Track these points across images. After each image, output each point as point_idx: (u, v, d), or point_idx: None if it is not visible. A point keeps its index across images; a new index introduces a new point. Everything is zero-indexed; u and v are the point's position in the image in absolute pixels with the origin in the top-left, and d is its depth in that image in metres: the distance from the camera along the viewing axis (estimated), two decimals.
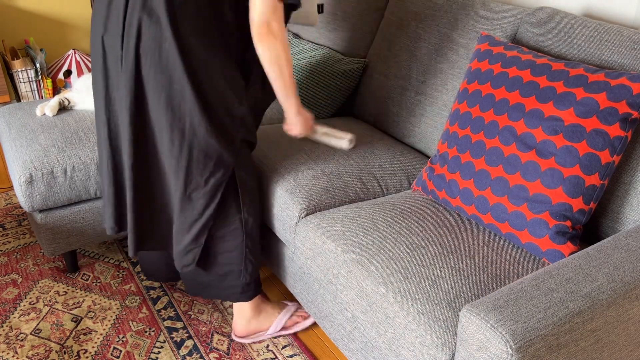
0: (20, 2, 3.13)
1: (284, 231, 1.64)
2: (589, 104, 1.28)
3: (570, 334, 1.01)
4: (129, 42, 1.35)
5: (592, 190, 1.29)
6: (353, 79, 2.10)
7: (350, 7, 2.27)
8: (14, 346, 1.72)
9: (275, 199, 1.66)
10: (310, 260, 1.51)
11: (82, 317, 1.84)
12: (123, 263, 2.10)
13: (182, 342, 1.75)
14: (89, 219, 1.90)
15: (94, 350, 1.71)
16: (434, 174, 1.56)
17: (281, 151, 1.80)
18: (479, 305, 1.03)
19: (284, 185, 1.66)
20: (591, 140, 1.27)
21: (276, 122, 2.16)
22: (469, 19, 1.82)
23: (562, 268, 1.12)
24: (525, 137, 1.34)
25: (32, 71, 2.95)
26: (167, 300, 1.91)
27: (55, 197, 1.79)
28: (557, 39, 1.57)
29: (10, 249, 2.15)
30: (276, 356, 1.71)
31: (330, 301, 1.54)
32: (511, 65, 1.45)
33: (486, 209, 1.40)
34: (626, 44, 1.42)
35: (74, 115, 1.99)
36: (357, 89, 2.16)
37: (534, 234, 1.32)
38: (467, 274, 1.27)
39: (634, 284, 1.09)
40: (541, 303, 1.03)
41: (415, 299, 1.22)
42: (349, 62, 2.12)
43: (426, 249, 1.35)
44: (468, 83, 1.53)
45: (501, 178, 1.37)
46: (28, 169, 1.74)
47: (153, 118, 1.42)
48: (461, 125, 1.49)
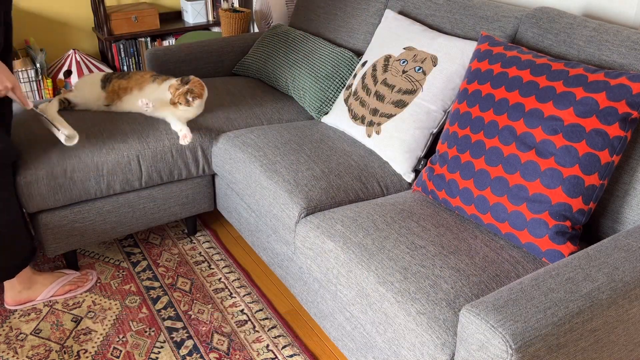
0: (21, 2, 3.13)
1: (284, 231, 1.64)
2: (588, 104, 1.28)
3: (570, 334, 1.01)
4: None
5: (592, 190, 1.29)
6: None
7: (350, 7, 2.27)
8: (14, 346, 1.72)
9: (275, 199, 1.66)
10: (310, 260, 1.51)
11: (82, 317, 1.84)
12: (123, 263, 2.10)
13: (182, 342, 1.75)
14: (89, 219, 1.91)
15: (94, 350, 1.71)
16: (433, 174, 1.56)
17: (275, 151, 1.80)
18: (479, 305, 1.03)
19: (284, 185, 1.66)
20: (591, 140, 1.27)
21: (276, 122, 2.16)
22: (469, 19, 1.82)
23: (562, 268, 1.12)
24: (525, 137, 1.35)
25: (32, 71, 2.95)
26: (167, 300, 1.91)
27: (55, 197, 1.79)
28: (557, 39, 1.57)
29: None
30: (276, 356, 1.71)
31: (330, 301, 1.54)
32: (511, 65, 1.45)
33: (486, 208, 1.40)
34: (626, 44, 1.42)
35: (74, 115, 1.99)
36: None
37: (534, 233, 1.32)
38: (467, 274, 1.27)
39: (634, 284, 1.09)
40: (541, 303, 1.03)
41: (415, 298, 1.22)
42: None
43: (426, 249, 1.35)
44: (468, 83, 1.53)
45: (501, 178, 1.37)
46: (28, 169, 1.74)
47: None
48: (461, 125, 1.50)
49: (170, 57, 2.41)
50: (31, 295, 1.87)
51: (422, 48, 1.80)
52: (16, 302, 1.86)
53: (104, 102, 2.02)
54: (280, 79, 2.29)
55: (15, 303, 1.86)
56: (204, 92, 1.98)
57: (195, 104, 1.94)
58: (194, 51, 2.46)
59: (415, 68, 1.77)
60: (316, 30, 2.41)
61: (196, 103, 1.94)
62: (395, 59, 1.84)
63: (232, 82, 2.38)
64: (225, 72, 2.56)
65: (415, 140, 1.75)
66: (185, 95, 1.90)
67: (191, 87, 1.92)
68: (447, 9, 1.90)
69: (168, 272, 2.05)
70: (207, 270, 2.07)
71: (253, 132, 1.96)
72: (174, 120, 1.94)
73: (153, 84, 2.00)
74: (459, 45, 1.73)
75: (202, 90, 1.97)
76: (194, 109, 1.98)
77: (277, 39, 2.40)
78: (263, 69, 2.38)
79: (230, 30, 3.09)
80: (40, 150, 1.80)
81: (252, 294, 1.96)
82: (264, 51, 2.40)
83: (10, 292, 1.84)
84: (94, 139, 1.87)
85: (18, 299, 1.86)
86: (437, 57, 1.75)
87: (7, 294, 1.85)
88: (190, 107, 1.94)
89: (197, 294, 1.95)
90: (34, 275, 1.88)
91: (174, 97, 1.91)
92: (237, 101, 2.19)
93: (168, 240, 2.24)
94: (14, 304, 1.86)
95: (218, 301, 1.92)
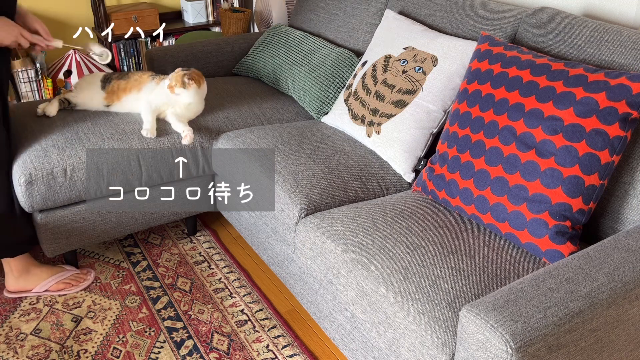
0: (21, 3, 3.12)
1: (284, 231, 1.64)
2: (588, 104, 1.28)
3: (570, 334, 1.01)
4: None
5: (592, 190, 1.29)
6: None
7: (350, 7, 2.27)
8: (14, 346, 1.72)
9: (275, 199, 1.66)
10: (310, 260, 1.51)
11: (82, 317, 1.84)
12: (123, 263, 2.10)
13: (182, 342, 1.75)
14: (89, 219, 1.91)
15: (94, 350, 1.71)
16: (433, 174, 1.56)
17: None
18: (479, 305, 1.03)
19: (284, 185, 1.66)
20: (591, 140, 1.27)
21: (276, 122, 2.16)
22: (469, 19, 1.82)
23: (562, 268, 1.12)
24: (524, 137, 1.34)
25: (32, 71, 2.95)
26: (167, 300, 1.91)
27: (55, 197, 1.79)
28: (557, 39, 1.57)
29: None
30: (276, 356, 1.71)
31: (330, 301, 1.54)
32: (511, 65, 1.45)
33: (486, 208, 1.40)
34: (626, 44, 1.42)
35: (74, 115, 1.99)
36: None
37: (534, 233, 1.32)
38: (467, 274, 1.27)
39: (634, 284, 1.09)
40: (541, 303, 1.03)
41: (415, 298, 1.22)
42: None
43: (426, 249, 1.35)
44: (468, 83, 1.53)
45: (501, 178, 1.37)
46: (28, 169, 1.74)
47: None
48: (461, 125, 1.50)
49: (170, 57, 2.41)
50: (26, 285, 1.90)
51: (422, 48, 1.80)
52: (14, 289, 1.90)
53: (104, 103, 2.02)
54: (280, 79, 2.29)
55: (14, 289, 1.91)
56: (203, 81, 1.98)
57: (191, 88, 1.92)
58: (194, 51, 2.46)
59: (415, 68, 1.77)
60: (316, 30, 2.41)
61: (192, 87, 1.92)
62: (395, 59, 1.84)
63: (232, 82, 2.38)
64: (225, 72, 2.56)
65: (415, 140, 1.75)
66: (183, 78, 1.90)
67: (188, 72, 1.92)
68: (447, 9, 1.90)
69: (168, 272, 2.05)
70: (207, 270, 2.07)
71: (253, 132, 1.96)
72: (175, 120, 1.94)
73: (152, 82, 2.01)
74: (459, 45, 1.73)
75: (200, 78, 1.96)
76: (194, 106, 1.98)
77: (277, 39, 2.40)
78: (263, 69, 2.38)
79: (230, 30, 3.09)
80: (40, 150, 1.80)
81: (252, 294, 1.96)
82: (264, 51, 2.40)
83: (10, 277, 1.89)
84: (94, 139, 1.87)
85: (15, 286, 1.90)
86: (437, 57, 1.75)
87: (7, 278, 1.90)
88: (187, 92, 1.91)
89: (197, 294, 1.95)
90: (32, 266, 1.92)
91: (171, 80, 1.91)
92: (237, 101, 2.19)
93: (168, 240, 2.24)
94: (13, 289, 1.91)
95: (218, 301, 1.92)
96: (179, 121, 1.94)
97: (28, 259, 1.91)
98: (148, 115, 1.92)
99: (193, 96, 1.94)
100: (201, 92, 1.98)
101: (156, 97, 1.95)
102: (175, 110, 1.96)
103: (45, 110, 1.98)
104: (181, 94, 1.92)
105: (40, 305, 1.88)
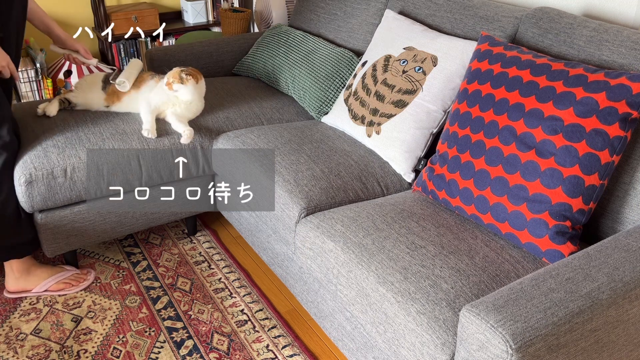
0: None
1: (284, 231, 1.64)
2: (588, 104, 1.28)
3: (570, 334, 1.01)
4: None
5: (592, 190, 1.29)
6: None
7: (350, 7, 2.27)
8: (14, 346, 1.72)
9: (275, 199, 1.66)
10: (310, 260, 1.51)
11: (82, 317, 1.84)
12: (123, 263, 2.10)
13: (182, 342, 1.75)
14: (89, 219, 1.91)
15: (94, 350, 1.71)
16: (433, 174, 1.56)
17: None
18: (479, 305, 1.03)
19: (284, 185, 1.66)
20: (591, 140, 1.27)
21: (276, 122, 2.16)
22: (469, 19, 1.82)
23: (562, 268, 1.12)
24: (524, 137, 1.35)
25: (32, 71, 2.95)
26: (167, 300, 1.91)
27: (55, 197, 1.79)
28: (557, 39, 1.57)
29: None
30: (276, 356, 1.71)
31: (330, 301, 1.54)
32: (511, 65, 1.45)
33: (486, 208, 1.40)
34: (626, 44, 1.42)
35: (74, 115, 1.99)
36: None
37: (534, 233, 1.32)
38: (467, 274, 1.27)
39: (634, 284, 1.09)
40: (541, 303, 1.03)
41: (415, 299, 1.22)
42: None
43: (426, 249, 1.35)
44: (468, 83, 1.53)
45: (501, 178, 1.37)
46: (28, 169, 1.74)
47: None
48: (461, 125, 1.50)
49: (170, 57, 2.41)
50: (27, 285, 1.91)
51: (422, 48, 1.80)
52: (14, 289, 1.91)
53: (104, 103, 2.02)
54: (280, 79, 2.29)
55: (14, 289, 1.91)
56: (200, 77, 1.98)
57: (189, 83, 1.91)
58: (194, 51, 2.46)
59: (415, 68, 1.77)
60: (316, 30, 2.41)
61: (190, 82, 1.92)
62: (395, 59, 1.84)
63: (232, 82, 2.38)
64: (225, 72, 2.56)
65: (415, 140, 1.75)
66: (180, 73, 1.90)
67: (186, 69, 1.93)
68: (447, 9, 1.90)
69: (168, 272, 2.05)
70: (207, 270, 2.07)
71: (253, 132, 1.96)
72: (175, 120, 1.94)
73: (151, 81, 2.01)
74: (459, 45, 1.73)
75: (198, 74, 1.96)
76: (193, 105, 1.98)
77: (277, 39, 2.40)
78: (263, 69, 2.38)
79: (230, 30, 3.09)
80: (40, 150, 1.80)
81: (252, 294, 1.96)
82: (264, 51, 2.40)
83: (10, 277, 1.90)
84: (94, 139, 1.87)
85: (15, 287, 1.90)
86: (437, 57, 1.75)
87: (7, 279, 1.90)
88: (185, 87, 1.91)
89: (197, 294, 1.95)
90: (33, 266, 1.92)
91: (169, 77, 1.91)
92: (237, 101, 2.19)
93: (168, 240, 2.24)
94: (13, 289, 1.91)
95: (218, 301, 1.92)
96: (179, 121, 1.94)
97: (29, 260, 1.91)
98: (148, 115, 1.92)
99: (191, 92, 1.94)
100: (199, 88, 1.98)
101: (155, 96, 1.96)
102: (175, 109, 1.96)
103: (45, 110, 1.98)
104: (179, 89, 1.91)
105: (41, 305, 1.88)
